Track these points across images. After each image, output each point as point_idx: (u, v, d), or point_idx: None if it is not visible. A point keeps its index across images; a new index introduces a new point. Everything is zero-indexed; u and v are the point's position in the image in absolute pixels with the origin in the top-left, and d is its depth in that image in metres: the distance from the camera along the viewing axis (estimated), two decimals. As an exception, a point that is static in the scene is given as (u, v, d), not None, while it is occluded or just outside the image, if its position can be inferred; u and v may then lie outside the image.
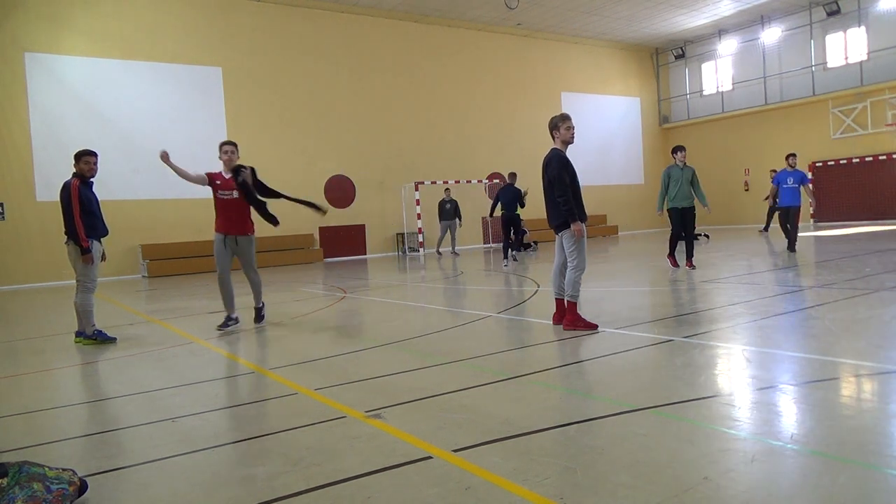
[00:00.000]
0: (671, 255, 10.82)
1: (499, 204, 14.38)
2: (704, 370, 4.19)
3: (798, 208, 12.12)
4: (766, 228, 20.19)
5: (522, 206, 14.47)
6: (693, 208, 10.66)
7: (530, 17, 22.25)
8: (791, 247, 12.06)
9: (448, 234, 18.99)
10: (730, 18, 24.15)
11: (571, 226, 5.74)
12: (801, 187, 12.11)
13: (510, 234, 14.42)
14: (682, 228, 10.64)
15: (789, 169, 12.22)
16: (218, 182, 7.16)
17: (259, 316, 7.43)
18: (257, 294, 7.44)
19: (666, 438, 2.97)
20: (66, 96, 16.45)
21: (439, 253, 19.40)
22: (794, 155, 12.47)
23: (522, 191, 14.40)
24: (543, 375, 4.36)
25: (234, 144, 7.27)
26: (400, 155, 21.46)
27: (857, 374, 3.95)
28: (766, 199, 20.82)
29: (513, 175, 14.87)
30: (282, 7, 19.47)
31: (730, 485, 2.44)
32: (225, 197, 7.14)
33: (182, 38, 18.01)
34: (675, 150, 11.02)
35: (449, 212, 18.62)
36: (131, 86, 17.26)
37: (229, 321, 7.14)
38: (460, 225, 19.01)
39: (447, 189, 19.15)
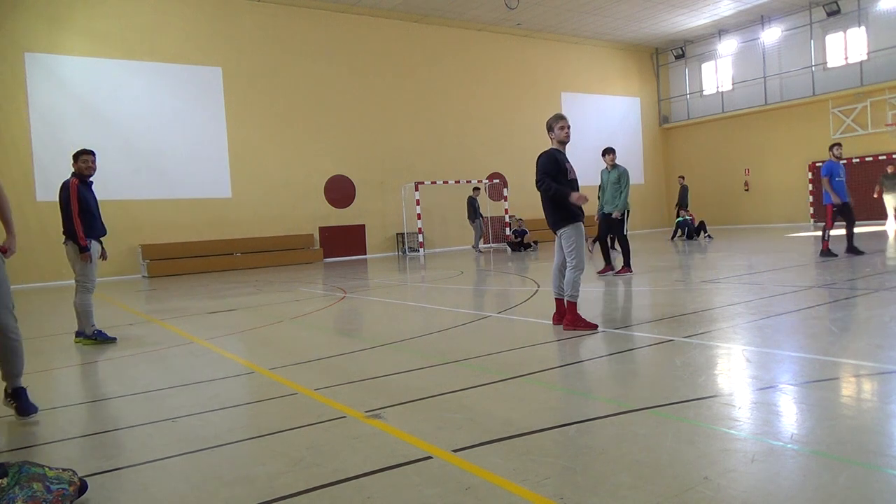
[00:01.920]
0: (606, 264, 10.49)
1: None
2: (704, 370, 4.19)
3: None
4: (673, 237, 19.51)
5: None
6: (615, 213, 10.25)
7: (530, 17, 22.24)
8: (853, 246, 10.76)
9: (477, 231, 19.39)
10: (730, 18, 24.15)
11: (569, 202, 5.70)
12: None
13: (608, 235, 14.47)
14: (607, 233, 10.34)
15: (835, 160, 10.78)
16: None
17: (20, 400, 3.95)
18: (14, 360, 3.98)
19: (666, 438, 2.96)
20: (66, 96, 16.45)
21: (481, 250, 19.49)
22: (839, 145, 10.96)
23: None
24: (543, 375, 4.36)
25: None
26: (400, 155, 21.46)
27: (857, 374, 3.95)
28: (679, 206, 20.10)
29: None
30: (282, 7, 19.47)
31: (730, 485, 2.44)
32: None
33: (182, 38, 18.02)
34: (604, 152, 10.73)
35: (478, 210, 19.13)
36: (131, 86, 17.27)
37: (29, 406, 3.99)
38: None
39: (476, 188, 19.49)
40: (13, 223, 4.19)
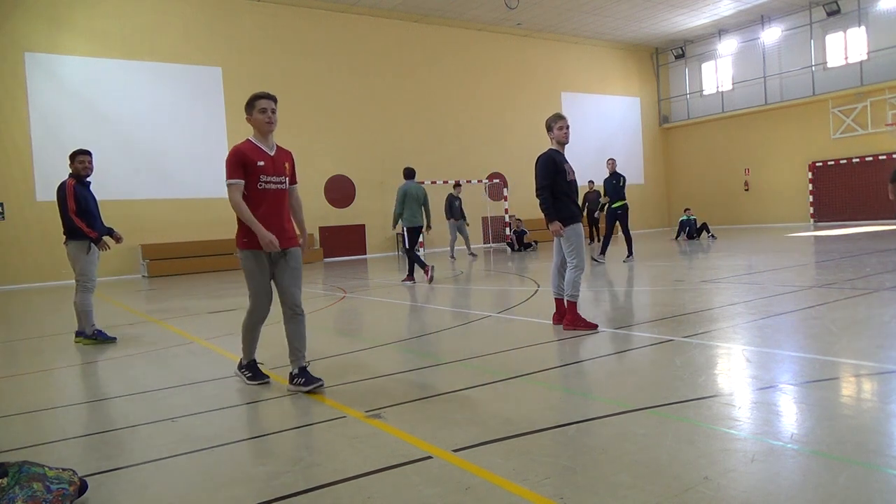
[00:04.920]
0: (410, 274, 11.44)
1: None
2: (704, 370, 4.19)
3: None
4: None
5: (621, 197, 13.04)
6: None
7: (530, 16, 22.24)
8: None
9: (459, 235, 17.04)
10: (730, 18, 24.15)
11: (549, 225, 5.78)
12: None
13: (613, 229, 13.17)
14: (414, 243, 11.40)
15: None
16: (261, 163, 4.30)
17: (309, 378, 4.20)
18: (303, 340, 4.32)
19: (666, 438, 2.97)
20: (66, 96, 16.45)
21: (453, 257, 17.20)
22: None
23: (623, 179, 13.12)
24: (543, 375, 4.36)
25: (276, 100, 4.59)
26: (400, 155, 21.43)
27: (857, 374, 3.95)
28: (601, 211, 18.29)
29: (612, 161, 13.81)
30: (282, 7, 19.47)
31: (730, 485, 2.44)
32: (272, 186, 4.40)
33: (182, 38, 18.01)
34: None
35: (458, 210, 16.80)
36: (131, 86, 17.26)
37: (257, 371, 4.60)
38: (467, 224, 17.25)
39: (457, 185, 17.32)
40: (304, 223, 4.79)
